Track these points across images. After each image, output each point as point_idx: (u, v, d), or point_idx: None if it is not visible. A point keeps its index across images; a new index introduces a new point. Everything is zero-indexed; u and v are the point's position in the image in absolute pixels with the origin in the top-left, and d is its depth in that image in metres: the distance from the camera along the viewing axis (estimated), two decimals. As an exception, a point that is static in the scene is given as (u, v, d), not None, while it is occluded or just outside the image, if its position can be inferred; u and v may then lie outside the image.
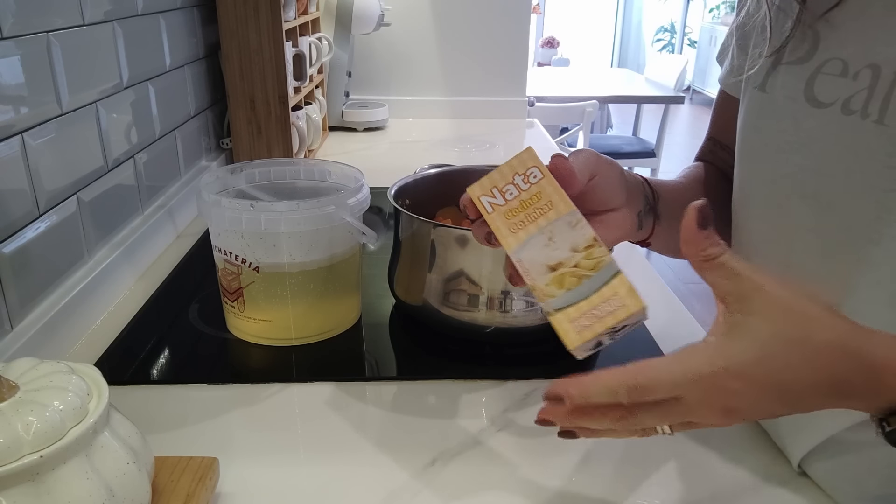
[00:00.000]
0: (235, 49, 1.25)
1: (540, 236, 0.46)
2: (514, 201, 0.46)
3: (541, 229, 0.46)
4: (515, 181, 0.46)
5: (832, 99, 0.50)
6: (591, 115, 3.22)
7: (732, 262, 0.40)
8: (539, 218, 0.46)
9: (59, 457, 0.41)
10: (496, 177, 0.47)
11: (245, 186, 0.81)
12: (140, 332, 0.80)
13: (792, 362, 0.38)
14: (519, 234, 0.46)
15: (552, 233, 0.45)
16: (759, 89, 0.56)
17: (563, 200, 0.46)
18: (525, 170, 0.46)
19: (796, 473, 0.58)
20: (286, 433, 0.64)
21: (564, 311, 0.45)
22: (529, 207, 0.46)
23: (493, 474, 0.58)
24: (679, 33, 8.10)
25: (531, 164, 0.46)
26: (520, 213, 0.46)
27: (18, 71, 0.70)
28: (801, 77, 0.52)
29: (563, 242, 0.45)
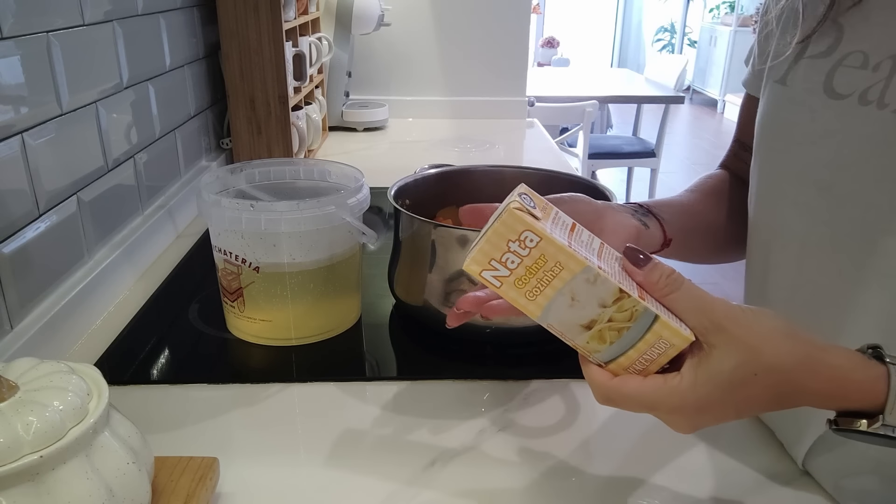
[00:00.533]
0: (235, 49, 1.25)
1: (561, 298, 0.43)
2: (519, 269, 0.43)
3: (559, 292, 0.43)
4: (512, 248, 0.42)
5: (850, 90, 0.50)
6: (591, 115, 3.22)
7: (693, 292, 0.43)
8: (553, 280, 0.42)
9: (59, 457, 0.41)
10: (487, 248, 0.43)
11: (245, 186, 0.81)
12: (140, 332, 0.80)
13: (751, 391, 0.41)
14: (538, 300, 0.43)
15: (573, 293, 0.43)
16: (779, 83, 0.57)
17: (573, 259, 0.42)
18: (517, 235, 0.42)
19: (799, 472, 0.58)
20: (286, 433, 0.64)
21: (616, 362, 0.44)
22: (538, 272, 0.42)
23: (493, 474, 0.58)
24: (679, 33, 8.10)
25: (521, 227, 0.42)
26: (531, 280, 0.43)
27: (18, 71, 0.70)
28: (821, 70, 0.52)
29: (588, 301, 0.43)
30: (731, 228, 0.69)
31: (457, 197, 0.87)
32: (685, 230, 0.65)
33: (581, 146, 3.35)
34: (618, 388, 0.44)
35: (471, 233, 0.72)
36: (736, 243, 0.69)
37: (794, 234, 0.55)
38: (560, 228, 0.44)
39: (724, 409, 0.42)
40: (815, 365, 0.42)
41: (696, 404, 0.42)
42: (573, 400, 0.68)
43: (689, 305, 0.43)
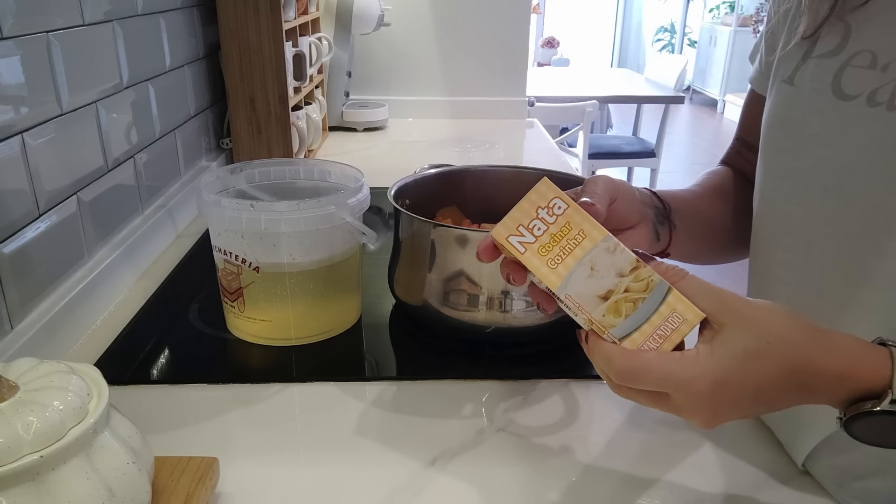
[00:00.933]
0: (235, 49, 1.25)
1: (581, 268, 0.44)
2: (545, 236, 0.44)
3: (580, 261, 0.44)
4: (540, 215, 0.44)
5: (858, 91, 0.50)
6: (591, 115, 3.22)
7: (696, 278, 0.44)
8: (575, 249, 0.44)
9: (59, 457, 0.41)
10: (518, 214, 0.45)
11: (245, 186, 0.81)
12: (140, 332, 0.80)
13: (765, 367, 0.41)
14: (559, 269, 0.44)
15: (593, 262, 0.44)
16: (787, 82, 0.56)
17: (595, 227, 0.44)
18: (547, 202, 0.44)
19: (799, 472, 0.58)
20: (286, 433, 0.64)
21: (630, 338, 0.44)
22: (562, 240, 0.44)
23: (493, 474, 0.58)
24: (679, 33, 8.10)
25: (551, 195, 0.44)
26: (553, 248, 0.44)
27: (18, 71, 0.70)
28: (829, 70, 0.52)
29: (606, 270, 0.44)
30: (735, 226, 0.69)
31: (457, 197, 0.87)
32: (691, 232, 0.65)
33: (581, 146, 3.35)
34: (635, 358, 0.43)
35: (470, 233, 0.72)
36: (739, 241, 0.69)
37: (799, 234, 0.55)
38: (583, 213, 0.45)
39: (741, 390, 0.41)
40: (824, 342, 0.42)
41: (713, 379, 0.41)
42: (573, 400, 0.68)
43: (697, 291, 0.43)
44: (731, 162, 0.74)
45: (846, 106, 0.50)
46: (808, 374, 0.42)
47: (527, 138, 1.82)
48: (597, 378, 0.71)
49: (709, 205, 0.69)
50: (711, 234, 0.70)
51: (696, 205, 0.68)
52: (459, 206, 0.87)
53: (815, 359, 0.42)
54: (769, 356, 0.41)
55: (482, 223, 0.84)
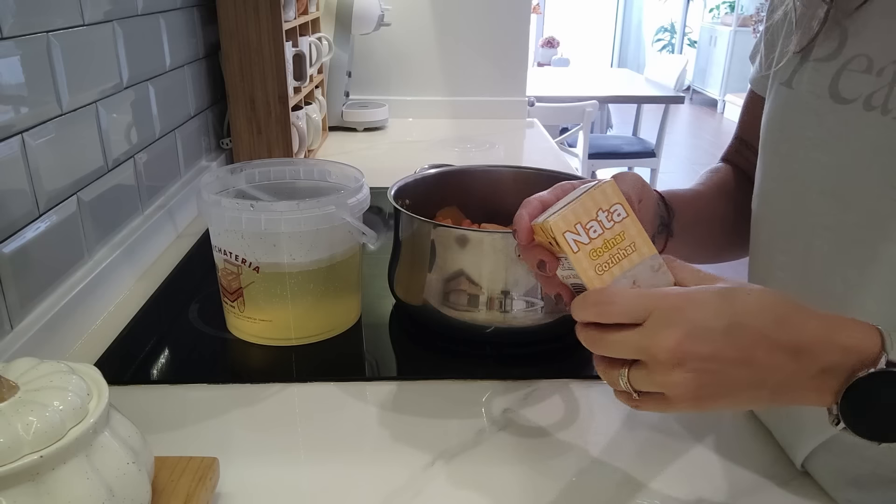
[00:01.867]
0: (235, 49, 1.25)
1: (623, 280, 0.44)
2: (598, 240, 0.44)
3: (625, 272, 0.44)
4: (599, 217, 0.44)
5: (855, 95, 0.50)
6: (591, 115, 3.22)
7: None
8: (623, 260, 0.44)
9: (59, 457, 0.41)
10: (580, 210, 0.44)
11: (245, 186, 0.81)
12: (140, 332, 0.80)
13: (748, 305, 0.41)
14: (604, 276, 0.44)
15: (636, 277, 0.44)
16: (785, 85, 0.56)
17: (647, 243, 0.44)
18: (609, 206, 0.44)
19: (798, 473, 0.58)
20: (286, 433, 0.64)
21: None
22: (613, 248, 0.44)
23: (493, 474, 0.58)
24: (679, 33, 8.10)
25: (615, 200, 0.44)
26: (604, 254, 0.44)
27: (18, 71, 0.70)
28: (826, 74, 0.52)
29: (646, 287, 0.44)
30: (736, 224, 0.69)
31: (457, 197, 0.87)
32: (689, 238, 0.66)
33: (581, 146, 3.35)
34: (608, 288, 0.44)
35: (470, 233, 0.72)
36: (740, 240, 0.69)
37: (797, 236, 0.55)
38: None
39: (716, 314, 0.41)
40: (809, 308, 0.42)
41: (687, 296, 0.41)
42: (573, 400, 0.68)
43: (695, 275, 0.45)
44: (731, 159, 0.75)
45: (843, 110, 0.50)
46: (797, 319, 0.41)
47: (527, 138, 1.82)
48: (597, 378, 0.71)
49: (712, 205, 0.70)
50: (712, 235, 0.70)
51: (700, 207, 0.68)
52: (459, 206, 0.87)
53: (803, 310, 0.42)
54: (752, 299, 0.41)
55: (482, 223, 0.84)
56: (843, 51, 0.51)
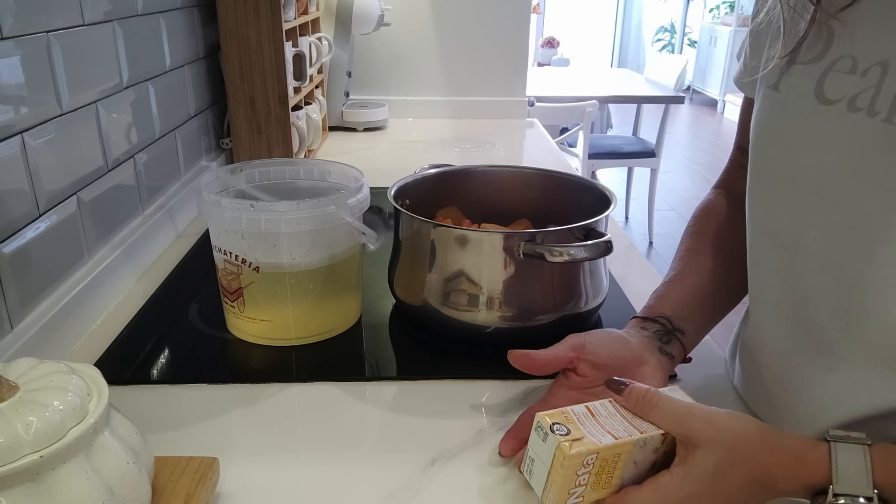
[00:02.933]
0: (235, 49, 1.25)
1: (627, 470, 0.50)
2: (591, 478, 0.49)
3: (624, 469, 0.50)
4: (580, 473, 0.48)
5: (840, 96, 0.50)
6: (591, 115, 3.22)
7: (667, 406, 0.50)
8: (616, 466, 0.49)
9: (59, 457, 0.41)
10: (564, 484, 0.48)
11: (245, 186, 0.81)
12: (140, 332, 0.80)
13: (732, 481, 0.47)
14: (612, 482, 0.50)
15: (634, 461, 0.50)
16: (772, 88, 0.56)
17: (624, 445, 0.49)
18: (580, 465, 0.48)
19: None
20: (286, 433, 0.64)
21: None
22: (605, 470, 0.49)
23: (493, 474, 0.58)
24: (679, 33, 8.10)
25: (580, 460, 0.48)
26: (602, 477, 0.49)
27: (18, 71, 0.70)
28: (813, 75, 0.52)
29: (646, 457, 0.50)
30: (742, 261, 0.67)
31: (457, 197, 0.87)
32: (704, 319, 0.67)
33: (581, 146, 3.35)
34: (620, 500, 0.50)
35: (471, 233, 0.72)
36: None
37: (788, 237, 0.55)
38: (590, 423, 0.50)
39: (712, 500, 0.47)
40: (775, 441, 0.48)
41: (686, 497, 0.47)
42: (573, 400, 0.68)
43: (668, 419, 0.50)
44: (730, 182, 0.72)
45: (828, 111, 0.50)
46: (766, 479, 0.47)
47: (527, 138, 1.82)
48: (597, 378, 0.71)
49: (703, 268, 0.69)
50: (725, 301, 0.69)
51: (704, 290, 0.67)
52: (459, 206, 0.87)
53: (770, 464, 0.47)
54: (735, 474, 0.47)
55: (482, 223, 0.84)
56: (829, 52, 0.51)
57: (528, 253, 0.69)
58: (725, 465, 0.47)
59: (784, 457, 0.47)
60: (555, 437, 0.48)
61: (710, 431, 0.48)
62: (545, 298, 0.73)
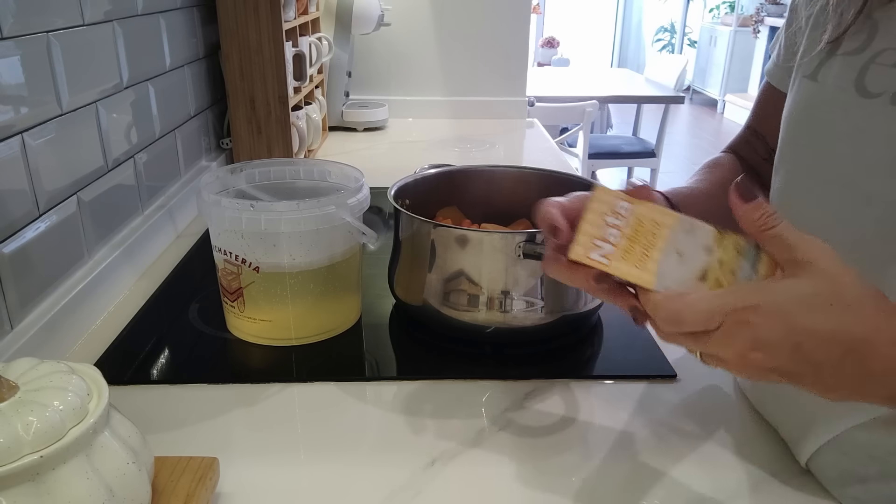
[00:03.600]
0: (235, 49, 1.25)
1: (669, 258, 0.43)
2: (623, 241, 0.43)
3: (665, 251, 0.43)
4: (610, 223, 0.43)
5: (882, 89, 0.49)
6: (591, 115, 3.22)
7: (787, 234, 0.42)
8: (655, 241, 0.43)
9: (59, 457, 0.41)
10: (589, 229, 0.44)
11: (245, 186, 0.81)
12: (140, 332, 0.80)
13: (820, 309, 0.40)
14: (648, 266, 0.43)
15: (677, 248, 0.43)
16: (809, 78, 0.56)
17: (666, 213, 0.43)
18: (611, 208, 0.43)
19: (800, 472, 0.58)
20: (286, 433, 0.64)
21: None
22: (640, 238, 0.43)
23: (493, 474, 0.58)
24: (679, 33, 8.10)
25: (613, 199, 0.43)
26: (635, 248, 0.43)
27: (18, 71, 0.70)
28: (854, 67, 0.51)
29: (693, 251, 0.43)
30: None
31: (457, 197, 0.87)
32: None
33: (581, 146, 3.35)
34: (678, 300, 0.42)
35: (470, 233, 0.72)
36: None
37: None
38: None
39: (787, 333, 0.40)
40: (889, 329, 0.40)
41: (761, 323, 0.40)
42: (573, 400, 0.68)
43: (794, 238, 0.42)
44: (737, 150, 0.74)
45: (869, 104, 0.50)
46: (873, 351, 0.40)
47: (527, 138, 1.82)
48: (597, 378, 0.71)
49: (716, 203, 0.69)
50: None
51: (707, 206, 0.67)
52: (459, 206, 0.87)
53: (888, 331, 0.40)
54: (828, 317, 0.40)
55: (482, 223, 0.84)
56: (872, 44, 0.50)
57: (528, 253, 0.69)
58: (822, 300, 0.40)
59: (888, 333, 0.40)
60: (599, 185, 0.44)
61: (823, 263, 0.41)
62: (545, 299, 0.73)
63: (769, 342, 0.40)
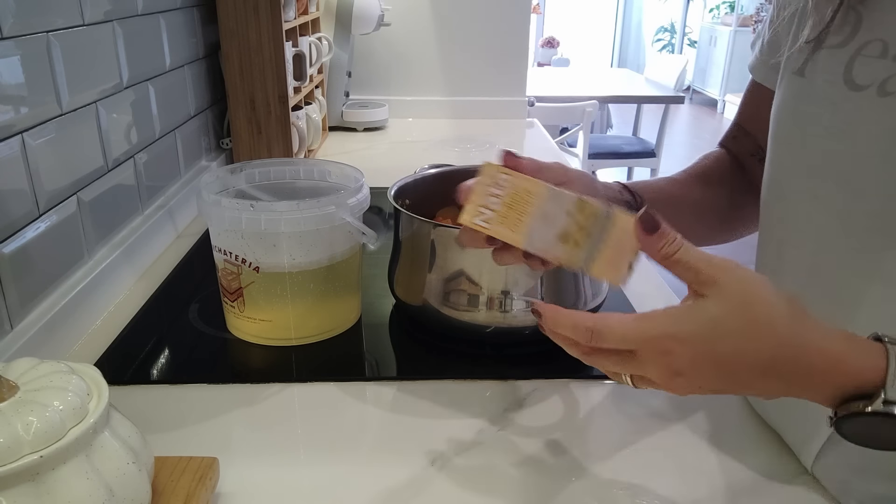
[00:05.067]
0: (235, 49, 1.25)
1: (537, 221, 0.49)
2: (501, 207, 0.50)
3: (533, 216, 0.49)
4: (492, 192, 0.50)
5: (869, 81, 0.49)
6: (591, 115, 3.22)
7: (687, 258, 0.43)
8: (528, 207, 0.49)
9: (59, 457, 0.41)
10: (474, 198, 0.51)
11: (245, 186, 0.81)
12: (140, 332, 0.80)
13: (731, 334, 0.41)
14: (520, 228, 0.50)
15: (544, 212, 0.49)
16: (797, 74, 0.55)
17: (536, 184, 0.49)
18: (494, 180, 0.50)
19: (800, 473, 0.58)
20: (286, 433, 0.64)
21: (595, 262, 0.48)
22: (515, 205, 0.50)
23: (493, 474, 0.58)
24: (679, 33, 8.10)
25: (496, 172, 0.50)
26: (511, 213, 0.50)
27: (18, 71, 0.70)
28: (840, 60, 0.51)
29: (557, 215, 0.49)
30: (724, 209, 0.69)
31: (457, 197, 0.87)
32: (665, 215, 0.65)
33: (581, 146, 3.35)
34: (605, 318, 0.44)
35: (471, 233, 0.72)
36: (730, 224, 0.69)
37: (809, 229, 0.54)
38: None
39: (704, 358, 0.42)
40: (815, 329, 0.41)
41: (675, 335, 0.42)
42: (573, 400, 0.68)
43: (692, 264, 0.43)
44: (727, 145, 0.74)
45: (858, 97, 0.49)
46: (789, 364, 0.41)
47: (527, 138, 1.82)
48: (597, 378, 0.71)
49: (687, 191, 0.69)
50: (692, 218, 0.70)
51: (673, 193, 0.68)
52: (459, 207, 0.87)
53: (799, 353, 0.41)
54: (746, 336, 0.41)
55: (482, 223, 0.84)
56: (857, 36, 0.50)
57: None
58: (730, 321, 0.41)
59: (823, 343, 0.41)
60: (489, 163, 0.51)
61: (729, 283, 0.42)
62: (545, 299, 0.73)
63: (689, 369, 0.42)
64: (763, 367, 0.41)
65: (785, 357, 0.41)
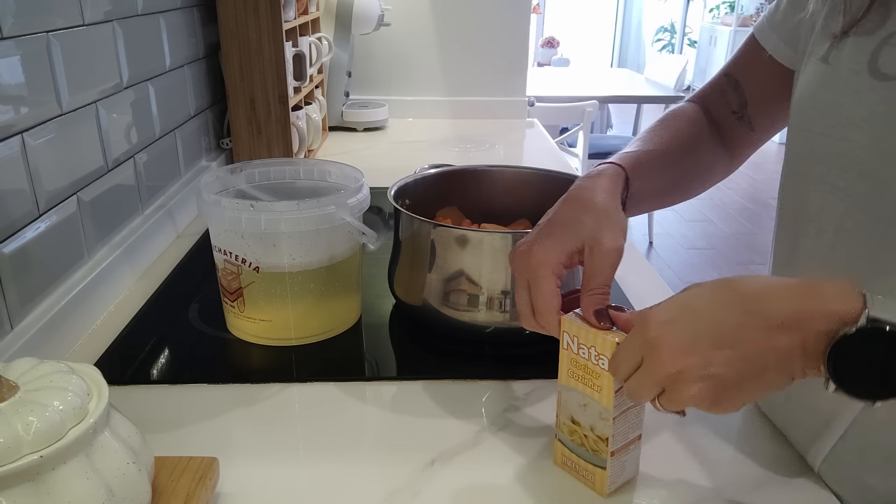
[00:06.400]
0: (235, 49, 1.25)
1: (579, 395, 0.54)
2: (581, 360, 0.53)
3: (583, 394, 0.54)
4: (591, 351, 0.52)
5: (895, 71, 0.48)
6: (591, 115, 3.22)
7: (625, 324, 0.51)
8: (588, 387, 0.53)
9: (59, 457, 0.41)
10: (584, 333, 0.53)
11: (245, 186, 0.81)
12: (140, 332, 0.80)
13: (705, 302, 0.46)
14: (570, 379, 0.55)
15: (587, 404, 0.54)
16: (821, 61, 0.54)
17: (608, 397, 0.52)
18: (599, 352, 0.52)
19: (803, 470, 0.58)
20: (286, 433, 0.64)
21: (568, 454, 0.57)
22: (587, 376, 0.53)
23: (493, 474, 0.58)
24: (679, 33, 8.10)
25: (605, 352, 0.51)
26: (579, 371, 0.53)
27: (18, 71, 0.70)
28: (866, 49, 0.50)
29: (589, 417, 0.54)
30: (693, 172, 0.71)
31: (457, 197, 0.87)
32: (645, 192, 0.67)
33: (581, 146, 3.34)
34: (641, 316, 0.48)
35: (470, 233, 0.72)
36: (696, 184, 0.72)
37: (828, 220, 0.53)
38: None
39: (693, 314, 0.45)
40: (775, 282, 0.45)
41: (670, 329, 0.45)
42: (573, 400, 0.68)
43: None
44: (706, 100, 0.72)
45: (883, 87, 0.48)
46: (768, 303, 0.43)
47: (527, 138, 1.82)
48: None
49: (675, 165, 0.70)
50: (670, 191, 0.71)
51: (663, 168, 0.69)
52: (459, 206, 0.87)
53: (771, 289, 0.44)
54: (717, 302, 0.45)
55: (482, 223, 0.84)
56: (886, 24, 0.49)
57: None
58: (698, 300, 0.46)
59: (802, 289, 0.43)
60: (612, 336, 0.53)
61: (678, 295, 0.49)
62: (545, 298, 0.73)
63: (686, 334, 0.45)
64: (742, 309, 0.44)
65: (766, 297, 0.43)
